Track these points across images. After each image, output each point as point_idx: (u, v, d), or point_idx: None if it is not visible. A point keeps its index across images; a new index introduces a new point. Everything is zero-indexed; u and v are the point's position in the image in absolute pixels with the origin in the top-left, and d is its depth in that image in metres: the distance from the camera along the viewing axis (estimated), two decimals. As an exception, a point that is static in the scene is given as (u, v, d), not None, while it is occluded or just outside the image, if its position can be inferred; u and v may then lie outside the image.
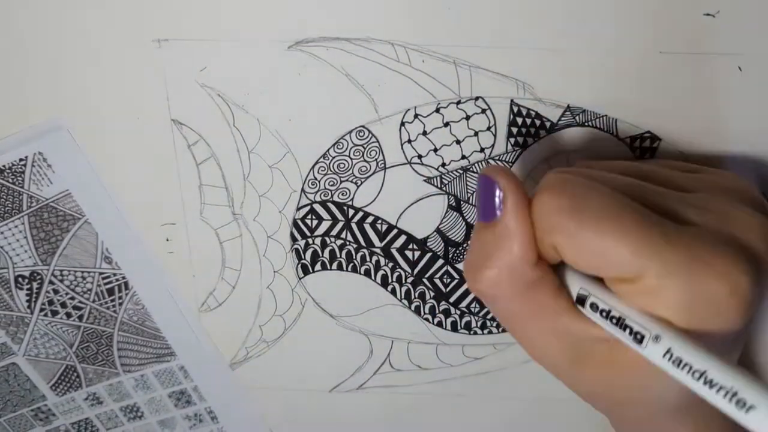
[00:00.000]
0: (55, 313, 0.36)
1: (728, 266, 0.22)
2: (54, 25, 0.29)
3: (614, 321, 0.23)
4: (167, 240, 0.34)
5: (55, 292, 0.36)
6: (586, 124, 0.31)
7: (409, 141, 0.32)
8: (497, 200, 0.25)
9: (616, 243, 0.22)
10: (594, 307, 0.24)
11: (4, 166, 0.32)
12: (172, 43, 0.29)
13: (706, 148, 0.31)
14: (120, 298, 0.36)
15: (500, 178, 0.25)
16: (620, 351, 0.24)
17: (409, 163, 0.32)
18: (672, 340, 0.21)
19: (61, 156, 0.32)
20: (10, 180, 0.32)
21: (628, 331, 0.22)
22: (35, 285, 0.35)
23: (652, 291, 0.22)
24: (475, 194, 0.27)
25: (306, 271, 0.35)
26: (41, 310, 0.36)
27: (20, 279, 0.35)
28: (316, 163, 0.32)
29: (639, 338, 0.22)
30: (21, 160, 0.32)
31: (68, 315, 0.37)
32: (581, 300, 0.25)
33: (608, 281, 0.24)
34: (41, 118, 0.31)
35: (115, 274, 0.36)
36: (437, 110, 0.31)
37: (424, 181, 0.33)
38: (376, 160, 0.32)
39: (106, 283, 0.36)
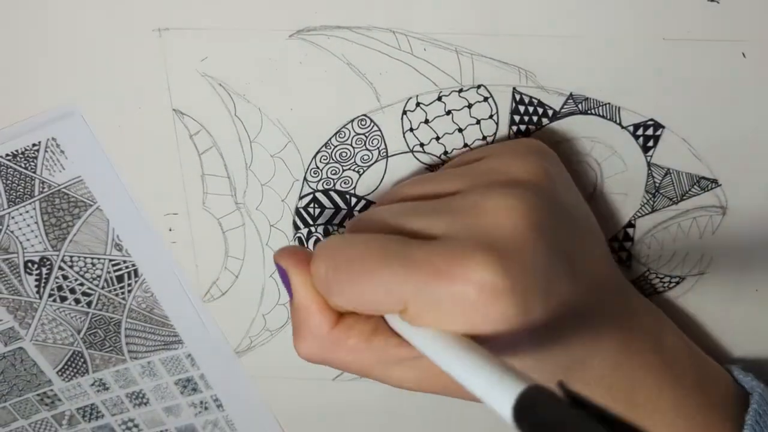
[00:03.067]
0: (63, 298, 0.37)
1: (465, 268, 0.22)
2: (59, 13, 0.29)
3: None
4: (170, 230, 0.35)
5: (65, 278, 0.36)
6: (589, 112, 0.31)
7: (411, 129, 0.32)
8: (286, 282, 0.27)
9: (370, 288, 0.24)
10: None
11: (17, 151, 0.32)
12: (172, 33, 0.30)
13: (709, 135, 0.31)
14: (129, 285, 0.37)
15: (282, 260, 0.27)
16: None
17: (412, 151, 0.32)
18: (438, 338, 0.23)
19: (74, 142, 0.32)
20: (23, 165, 0.33)
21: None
22: (45, 270, 0.36)
23: (422, 314, 0.23)
24: None
25: (309, 260, 0.35)
26: (50, 295, 0.37)
27: (30, 264, 0.36)
28: (318, 152, 0.32)
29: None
30: (34, 145, 0.32)
31: (77, 301, 0.37)
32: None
33: (392, 318, 0.25)
34: (55, 104, 0.32)
35: (125, 261, 0.36)
36: (439, 98, 0.31)
37: (427, 169, 0.32)
38: (378, 148, 0.32)
39: (115, 270, 0.36)
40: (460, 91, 0.31)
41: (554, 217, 0.26)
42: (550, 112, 0.31)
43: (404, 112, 0.31)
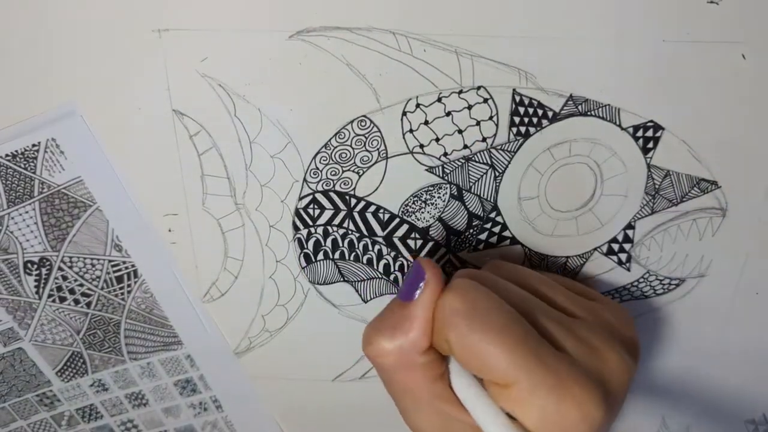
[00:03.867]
0: (63, 299, 0.37)
1: (585, 396, 0.25)
2: (60, 13, 0.29)
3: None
4: (169, 230, 0.35)
5: (64, 278, 0.36)
6: (588, 113, 0.31)
7: (411, 130, 0.32)
8: (418, 288, 0.28)
9: (496, 353, 0.25)
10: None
11: (16, 151, 0.32)
12: (172, 34, 0.30)
13: (709, 137, 0.31)
14: (129, 286, 0.37)
15: (428, 270, 0.28)
16: None
17: (411, 152, 0.32)
18: None
19: (74, 142, 0.32)
20: (23, 165, 0.33)
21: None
22: (44, 271, 0.36)
23: (518, 400, 0.25)
24: (405, 274, 0.30)
25: (309, 261, 0.35)
26: (49, 296, 0.37)
27: (29, 265, 0.36)
28: (318, 152, 0.32)
29: None
30: (34, 145, 0.32)
31: (76, 302, 0.37)
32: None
33: (485, 380, 0.27)
34: (55, 104, 0.32)
35: (124, 262, 0.36)
36: (439, 100, 0.31)
37: (426, 170, 0.32)
38: (377, 149, 0.32)
39: (115, 271, 0.36)
40: (460, 92, 0.31)
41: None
42: (550, 114, 0.31)
43: (404, 113, 0.31)
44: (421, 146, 0.32)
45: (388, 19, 0.29)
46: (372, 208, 0.34)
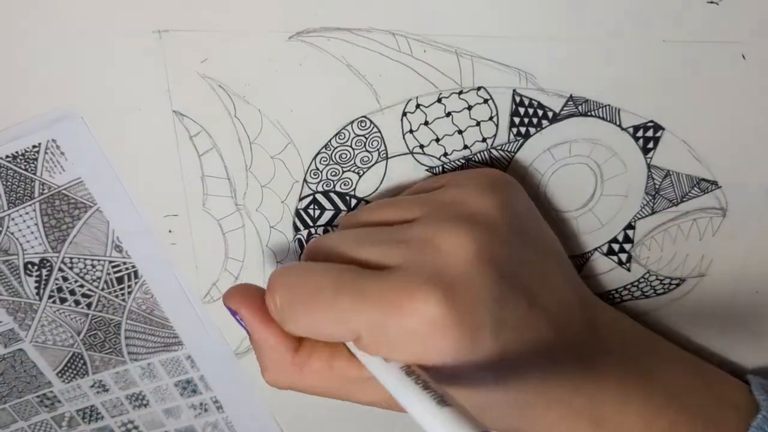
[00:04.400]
0: (63, 300, 0.37)
1: (415, 302, 0.23)
2: (59, 14, 0.29)
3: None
4: (170, 231, 0.35)
5: (65, 279, 0.36)
6: (588, 113, 0.31)
7: (411, 131, 0.32)
8: (240, 320, 0.28)
9: (323, 322, 0.25)
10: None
11: (17, 152, 0.32)
12: (172, 34, 0.30)
13: (709, 137, 0.31)
14: (129, 286, 0.37)
15: (231, 303, 0.28)
16: None
17: (411, 153, 0.32)
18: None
19: (74, 143, 0.32)
20: (23, 166, 0.33)
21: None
22: (44, 272, 0.36)
23: (370, 345, 0.25)
24: None
25: (309, 262, 0.35)
26: (50, 297, 0.37)
27: (30, 266, 0.36)
28: (318, 153, 0.32)
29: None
30: (34, 146, 0.32)
31: (77, 302, 0.37)
32: None
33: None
34: (55, 106, 0.32)
35: (125, 263, 0.36)
36: (439, 100, 0.31)
37: (426, 170, 0.32)
38: (377, 150, 0.32)
39: (115, 272, 0.36)
40: (460, 92, 0.31)
41: (509, 251, 0.26)
42: (550, 114, 0.31)
43: (404, 114, 0.31)
44: (422, 146, 0.32)
45: (388, 20, 0.29)
46: (372, 209, 0.34)
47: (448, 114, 0.31)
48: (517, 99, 0.31)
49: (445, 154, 0.32)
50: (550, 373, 0.27)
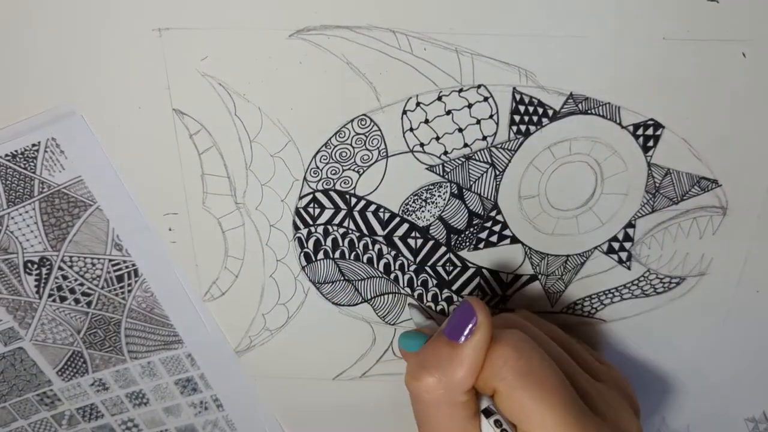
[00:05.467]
0: (63, 299, 0.37)
1: None
2: (59, 13, 0.29)
3: None
4: (170, 230, 0.35)
5: (64, 278, 0.36)
6: (589, 111, 0.31)
7: (411, 129, 0.32)
8: (468, 330, 0.28)
9: (546, 413, 0.27)
10: None
11: (16, 151, 0.32)
12: (172, 33, 0.30)
13: (709, 135, 0.31)
14: (129, 285, 0.37)
15: (479, 312, 0.28)
16: None
17: (411, 151, 0.32)
18: None
19: (74, 142, 0.32)
20: (23, 165, 0.33)
21: None
22: (44, 270, 0.36)
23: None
24: (453, 311, 0.30)
25: (309, 260, 0.35)
26: (50, 295, 0.37)
27: (29, 264, 0.36)
28: (318, 151, 0.32)
29: None
30: (34, 145, 0.32)
31: (77, 301, 0.37)
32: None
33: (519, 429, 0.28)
34: (55, 104, 0.32)
35: (125, 261, 0.36)
36: (439, 98, 0.31)
37: (427, 169, 0.32)
38: (378, 148, 0.32)
39: (115, 270, 0.36)
40: (460, 90, 0.31)
41: None
42: (550, 112, 0.31)
43: (404, 112, 0.31)
44: (422, 145, 0.32)
45: (388, 18, 0.29)
46: (372, 207, 0.34)
47: (449, 112, 0.31)
48: (518, 97, 0.31)
49: (445, 153, 0.32)
50: None
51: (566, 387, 0.28)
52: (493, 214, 0.33)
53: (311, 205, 0.34)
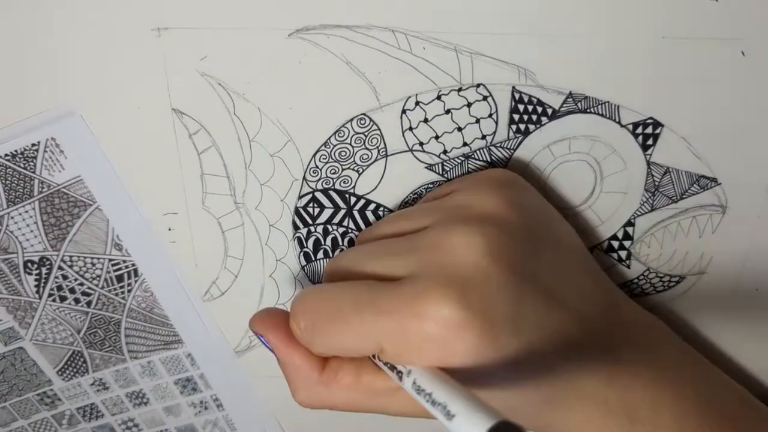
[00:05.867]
0: (63, 298, 0.37)
1: (430, 306, 0.24)
2: (59, 12, 0.29)
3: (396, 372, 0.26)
4: (169, 229, 0.35)
5: (64, 277, 0.36)
6: (588, 110, 0.31)
7: (411, 128, 0.32)
8: (266, 344, 0.29)
9: (347, 339, 0.26)
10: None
11: (16, 150, 0.32)
12: (171, 32, 0.30)
13: (709, 133, 0.31)
14: (129, 284, 0.37)
15: (257, 328, 0.29)
16: None
17: (411, 150, 0.32)
18: (415, 375, 0.24)
19: (74, 142, 0.32)
20: (22, 165, 0.33)
21: (398, 376, 0.26)
22: (44, 270, 0.36)
23: (394, 356, 0.25)
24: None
25: (308, 260, 0.35)
26: (50, 295, 0.37)
27: (29, 264, 0.36)
28: (318, 151, 0.32)
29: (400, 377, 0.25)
30: (33, 145, 0.32)
31: (77, 301, 0.37)
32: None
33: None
34: (54, 104, 0.32)
35: (124, 261, 0.36)
36: (438, 97, 0.31)
37: (426, 168, 0.32)
38: (377, 147, 0.32)
39: (115, 270, 0.36)
40: (460, 89, 0.31)
41: (522, 248, 0.26)
42: (550, 111, 0.31)
43: (403, 111, 0.31)
44: (421, 144, 0.32)
45: (388, 17, 0.29)
46: (372, 207, 0.34)
47: (448, 111, 0.31)
48: (517, 96, 0.31)
49: (445, 152, 0.32)
50: (580, 366, 0.27)
51: (347, 294, 0.26)
52: (492, 213, 0.33)
53: (311, 204, 0.34)
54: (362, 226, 0.34)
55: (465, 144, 0.32)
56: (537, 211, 0.29)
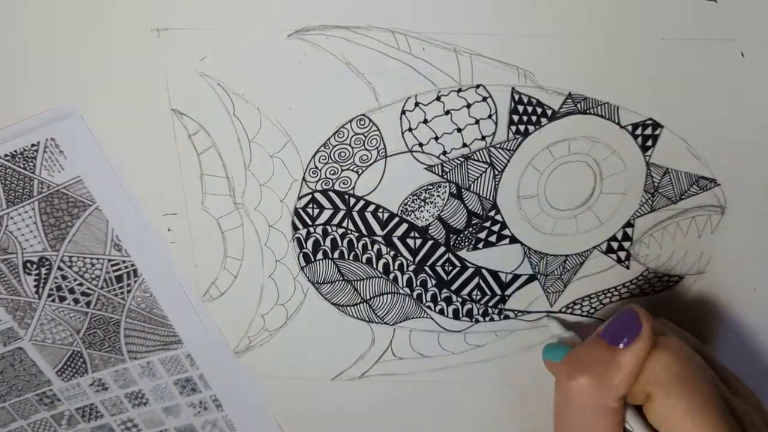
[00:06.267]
0: (62, 298, 0.37)
1: None
2: (59, 13, 0.29)
3: None
4: (169, 230, 0.35)
5: (64, 278, 0.36)
6: (587, 111, 0.31)
7: (410, 129, 0.32)
8: (627, 338, 0.29)
9: (698, 421, 0.26)
10: None
11: (15, 151, 0.32)
12: (171, 33, 0.30)
13: (708, 134, 0.31)
14: (128, 285, 0.37)
15: (645, 322, 0.28)
16: None
17: (410, 151, 0.32)
18: None
19: (73, 142, 0.32)
20: (22, 165, 0.33)
21: None
22: (44, 271, 0.36)
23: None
24: (614, 316, 0.30)
25: (308, 260, 0.35)
26: (49, 295, 0.37)
27: (29, 264, 0.36)
28: (317, 152, 0.32)
29: None
30: (33, 145, 0.32)
31: (76, 301, 0.37)
32: None
33: None
34: (54, 104, 0.32)
35: (124, 261, 0.36)
36: (438, 98, 0.31)
37: (425, 169, 0.32)
38: (376, 148, 0.32)
39: (114, 270, 0.36)
40: (459, 90, 0.31)
41: None
42: (549, 112, 0.31)
43: (403, 112, 0.31)
44: (420, 145, 0.32)
45: (387, 18, 0.29)
46: (371, 208, 0.34)
47: (447, 112, 0.31)
48: (516, 97, 0.31)
49: (444, 153, 0.32)
50: None
51: (718, 398, 0.27)
52: (492, 214, 0.33)
53: (310, 205, 0.34)
54: (361, 226, 0.34)
55: (464, 145, 0.32)
56: None
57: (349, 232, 0.34)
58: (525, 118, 0.31)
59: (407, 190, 0.33)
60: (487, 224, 0.34)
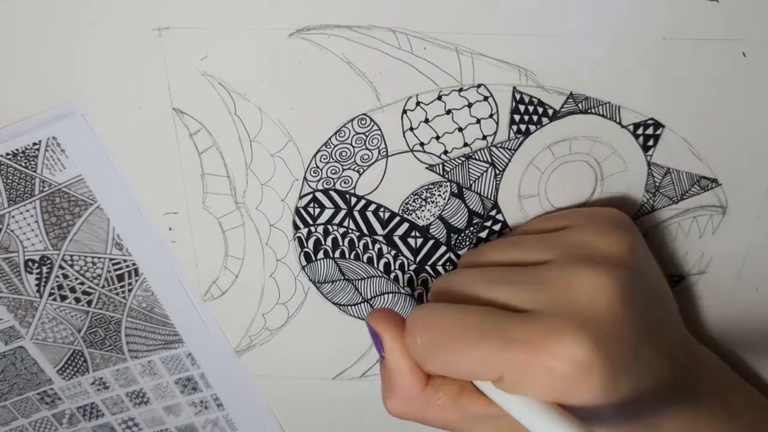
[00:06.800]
0: (64, 297, 0.37)
1: (560, 345, 0.24)
2: (59, 12, 0.29)
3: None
4: (170, 229, 0.35)
5: (65, 276, 0.36)
6: (589, 111, 0.31)
7: (411, 129, 0.32)
8: (379, 343, 0.29)
9: (465, 363, 0.26)
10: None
11: (17, 150, 0.32)
12: (172, 32, 0.30)
13: (709, 134, 0.31)
14: (130, 284, 0.37)
15: (376, 325, 0.29)
16: None
17: (411, 150, 0.32)
18: (533, 407, 0.25)
19: (75, 141, 0.32)
20: (23, 164, 0.33)
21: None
22: (45, 269, 0.36)
23: (515, 385, 0.25)
24: None
25: (309, 260, 0.35)
26: (50, 294, 0.37)
27: (30, 263, 0.36)
28: (318, 151, 0.32)
29: None
30: (35, 144, 0.32)
31: (77, 300, 0.37)
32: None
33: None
34: (56, 103, 0.32)
35: (125, 260, 0.36)
36: (439, 98, 0.31)
37: (427, 168, 0.32)
38: (378, 148, 0.32)
39: (116, 269, 0.36)
40: (460, 90, 0.31)
41: (639, 292, 0.27)
42: (550, 112, 0.31)
43: (404, 112, 0.31)
44: (422, 144, 0.32)
45: (389, 17, 0.29)
46: (372, 207, 0.34)
47: (448, 111, 0.31)
48: (518, 96, 0.31)
49: (446, 152, 0.32)
50: (663, 409, 0.27)
51: (473, 319, 0.26)
52: (493, 213, 0.34)
53: (311, 204, 0.34)
54: (362, 226, 0.34)
55: (466, 144, 0.32)
56: (645, 256, 0.30)
57: (350, 231, 0.34)
58: (526, 117, 0.31)
59: (408, 189, 0.33)
60: (489, 224, 0.34)
